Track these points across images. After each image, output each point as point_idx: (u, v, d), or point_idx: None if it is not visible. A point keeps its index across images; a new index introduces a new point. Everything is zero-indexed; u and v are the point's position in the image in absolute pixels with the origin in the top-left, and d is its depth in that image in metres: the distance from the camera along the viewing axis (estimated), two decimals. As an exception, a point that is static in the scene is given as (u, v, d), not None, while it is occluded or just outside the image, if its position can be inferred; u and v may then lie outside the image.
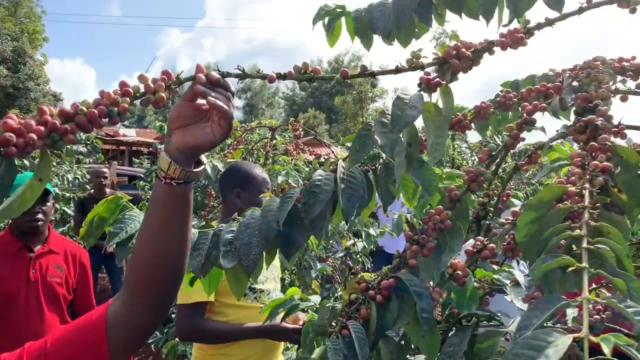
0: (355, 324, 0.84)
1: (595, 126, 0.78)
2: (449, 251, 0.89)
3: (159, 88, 0.82)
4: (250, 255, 1.01)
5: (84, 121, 0.72)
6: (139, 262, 0.91)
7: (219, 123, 0.87)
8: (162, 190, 0.88)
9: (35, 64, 23.82)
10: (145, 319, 0.92)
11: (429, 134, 0.99)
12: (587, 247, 0.61)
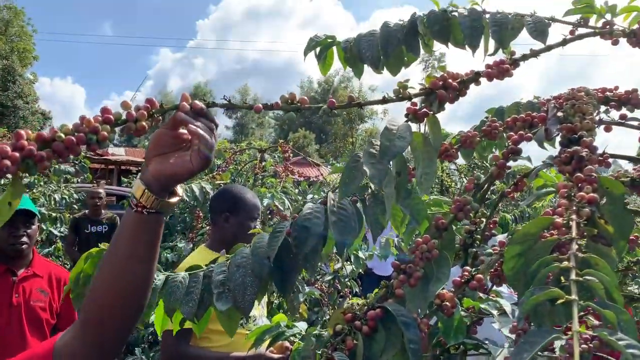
0: (341, 356, 0.83)
1: (581, 157, 0.78)
2: (436, 281, 0.89)
3: (141, 116, 0.81)
4: (246, 296, 0.99)
5: (61, 147, 0.69)
6: (100, 293, 0.85)
7: (198, 152, 0.84)
8: (133, 219, 0.84)
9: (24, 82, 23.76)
10: (97, 354, 0.86)
11: (417, 165, 0.99)
12: (576, 279, 0.61)
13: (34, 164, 0.68)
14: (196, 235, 3.70)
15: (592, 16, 1.18)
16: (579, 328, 0.57)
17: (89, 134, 0.73)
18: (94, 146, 0.74)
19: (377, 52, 1.30)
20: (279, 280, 1.01)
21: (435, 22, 1.23)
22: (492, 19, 1.21)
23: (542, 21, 1.18)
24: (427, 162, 0.98)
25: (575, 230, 0.68)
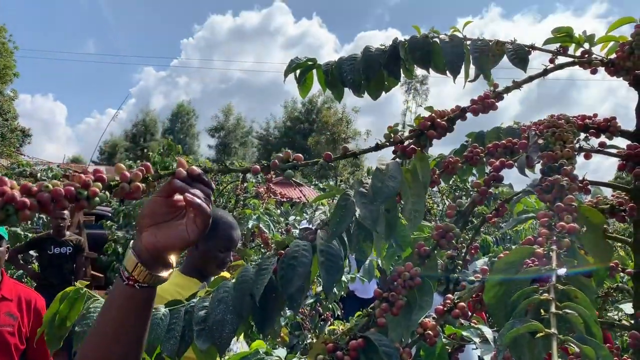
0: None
1: (561, 186, 0.78)
2: (419, 309, 0.88)
3: (135, 177, 0.78)
4: (224, 333, 0.97)
5: (46, 199, 0.65)
6: (96, 351, 0.83)
7: (194, 221, 0.81)
8: (124, 292, 0.82)
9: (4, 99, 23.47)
10: None
11: (405, 200, 0.99)
12: (556, 312, 0.60)
13: (15, 211, 0.64)
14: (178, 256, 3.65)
15: (571, 45, 1.21)
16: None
17: (79, 189, 0.69)
18: (82, 202, 0.70)
19: (359, 76, 1.30)
20: (259, 319, 0.99)
21: (416, 47, 1.24)
22: (473, 46, 1.22)
23: (523, 49, 1.20)
24: (417, 199, 0.99)
25: (555, 260, 0.68)
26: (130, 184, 0.76)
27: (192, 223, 0.81)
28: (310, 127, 41.99)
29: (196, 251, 2.10)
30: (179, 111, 45.28)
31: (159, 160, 5.00)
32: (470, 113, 1.09)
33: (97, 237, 6.97)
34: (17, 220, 0.64)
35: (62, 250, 4.98)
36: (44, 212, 0.67)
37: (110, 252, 5.32)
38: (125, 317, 0.82)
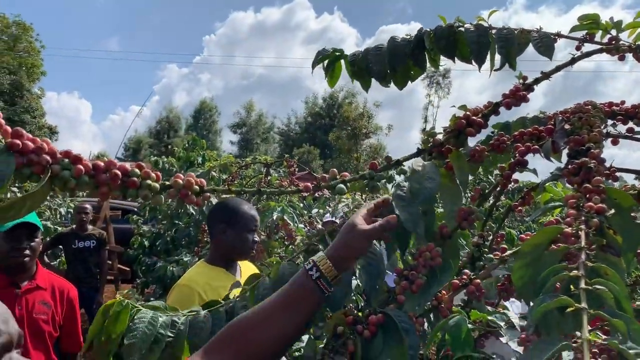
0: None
1: (589, 169, 0.79)
2: (437, 284, 0.89)
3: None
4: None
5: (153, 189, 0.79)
6: (257, 341, 0.89)
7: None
8: (317, 301, 0.91)
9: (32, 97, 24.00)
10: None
11: (444, 202, 1.01)
12: (586, 288, 0.61)
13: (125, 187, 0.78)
14: (201, 249, 3.70)
15: (597, 32, 1.20)
16: (589, 336, 0.57)
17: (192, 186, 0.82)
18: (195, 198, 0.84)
19: (385, 66, 1.32)
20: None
21: (441, 37, 1.25)
22: (498, 35, 1.22)
23: (548, 37, 1.20)
24: (454, 200, 1.01)
25: (584, 239, 0.68)
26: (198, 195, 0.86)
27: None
28: (331, 122, 41.94)
29: (224, 237, 2.14)
30: (202, 108, 45.65)
31: (183, 155, 5.08)
32: (503, 107, 1.10)
33: (124, 231, 7.10)
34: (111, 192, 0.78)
35: (86, 244, 5.09)
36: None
37: (137, 246, 5.41)
38: (309, 316, 0.92)
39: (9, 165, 0.68)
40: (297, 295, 0.90)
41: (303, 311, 0.90)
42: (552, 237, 0.74)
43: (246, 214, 2.18)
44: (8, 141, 0.69)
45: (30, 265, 2.45)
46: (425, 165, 0.98)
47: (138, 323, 1.13)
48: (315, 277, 0.90)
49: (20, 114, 22.54)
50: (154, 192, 0.82)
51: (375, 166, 0.97)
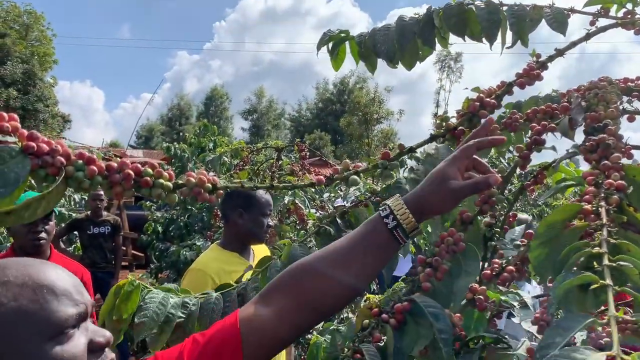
0: (370, 347, 0.82)
1: (607, 145, 0.77)
2: (465, 275, 0.88)
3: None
4: None
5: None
6: (333, 285, 0.83)
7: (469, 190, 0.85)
8: (390, 247, 0.84)
9: (44, 85, 24.14)
10: (292, 332, 0.85)
11: None
12: (609, 265, 0.60)
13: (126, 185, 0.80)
14: (214, 233, 3.72)
15: (612, 6, 1.17)
16: (617, 313, 0.56)
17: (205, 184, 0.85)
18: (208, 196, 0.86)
19: (393, 46, 1.30)
20: None
21: (451, 14, 1.23)
22: (509, 11, 1.20)
23: (561, 12, 1.17)
24: None
25: (605, 216, 0.67)
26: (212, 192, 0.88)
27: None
28: (342, 108, 41.76)
29: (240, 221, 2.15)
30: (213, 95, 45.66)
31: (195, 141, 5.09)
32: (517, 87, 1.08)
33: (137, 217, 7.16)
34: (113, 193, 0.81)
35: (101, 230, 5.14)
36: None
37: (150, 232, 5.46)
38: (381, 266, 0.85)
39: (24, 167, 0.70)
40: (370, 243, 0.83)
41: (375, 260, 0.83)
42: (570, 215, 0.73)
43: (261, 199, 2.19)
44: (24, 144, 0.72)
45: (45, 248, 2.49)
46: (438, 148, 0.97)
47: (149, 303, 1.14)
48: (391, 226, 0.81)
49: (33, 102, 22.70)
50: (167, 190, 0.84)
51: (388, 155, 0.95)
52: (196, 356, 0.83)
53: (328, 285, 0.83)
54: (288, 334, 0.84)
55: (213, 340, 0.84)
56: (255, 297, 0.87)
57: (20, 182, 0.69)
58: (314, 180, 1.02)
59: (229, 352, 0.82)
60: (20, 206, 0.71)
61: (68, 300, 0.75)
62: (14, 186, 0.68)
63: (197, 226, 4.81)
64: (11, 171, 0.68)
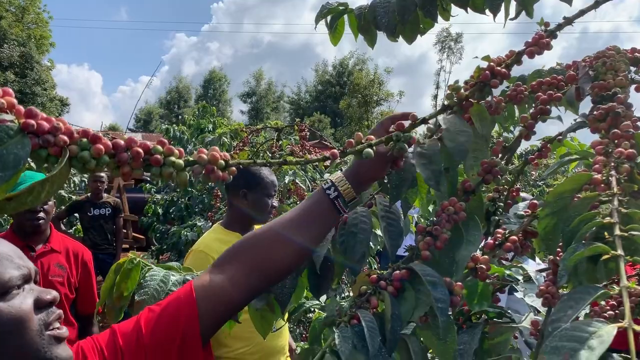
0: (366, 313, 0.82)
1: (617, 113, 0.75)
2: (467, 244, 0.87)
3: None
4: (284, 289, 1.02)
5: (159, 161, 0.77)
6: (280, 249, 0.91)
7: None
8: (334, 219, 0.93)
9: (42, 69, 23.97)
10: (250, 292, 0.92)
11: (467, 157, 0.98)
12: (621, 235, 0.58)
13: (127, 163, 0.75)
14: (215, 214, 3.71)
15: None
16: (629, 284, 0.55)
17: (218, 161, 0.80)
18: (221, 174, 0.81)
19: (394, 19, 1.27)
20: (315, 285, 1.04)
21: (454, -15, 1.20)
22: (514, -20, 1.17)
23: (568, -20, 1.14)
24: (478, 153, 0.98)
25: (615, 186, 0.65)
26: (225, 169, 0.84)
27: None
28: (342, 90, 41.56)
29: (244, 201, 2.14)
30: (211, 77, 45.40)
31: (194, 122, 5.06)
32: (526, 56, 1.06)
33: (137, 200, 7.16)
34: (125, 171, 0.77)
35: (101, 212, 5.15)
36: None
37: (151, 214, 5.46)
38: (326, 234, 0.94)
39: (24, 147, 0.63)
40: (313, 213, 0.92)
41: (318, 228, 0.91)
42: (579, 185, 0.71)
43: (267, 179, 2.17)
44: (22, 122, 0.65)
45: (44, 227, 2.49)
46: (450, 120, 0.95)
47: (149, 281, 1.13)
48: (332, 196, 0.90)
49: (31, 86, 22.56)
50: (178, 169, 0.79)
51: (403, 126, 0.93)
52: (153, 324, 0.87)
53: (275, 250, 0.90)
54: (240, 298, 0.90)
55: (169, 308, 0.89)
56: (208, 267, 0.94)
57: (20, 165, 0.62)
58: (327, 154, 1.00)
59: (184, 317, 0.87)
60: (22, 192, 0.65)
61: (10, 263, 0.83)
62: (14, 169, 0.62)
63: (197, 208, 4.80)
64: (10, 153, 0.61)
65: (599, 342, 0.46)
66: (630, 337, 0.47)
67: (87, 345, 0.90)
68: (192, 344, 0.87)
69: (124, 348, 0.87)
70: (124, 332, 0.89)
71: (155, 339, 0.87)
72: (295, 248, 0.90)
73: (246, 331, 1.79)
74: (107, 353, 0.88)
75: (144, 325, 0.88)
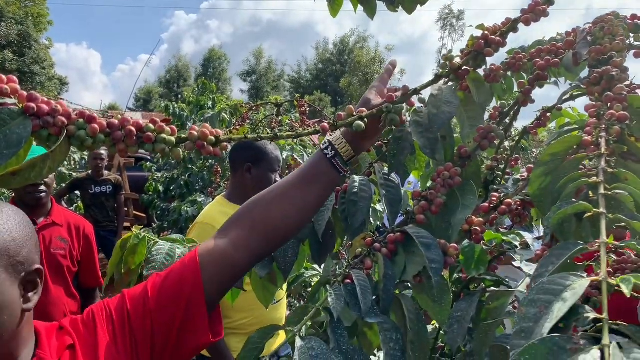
0: (359, 273, 0.83)
1: (611, 77, 0.75)
2: (462, 208, 0.88)
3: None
4: (287, 257, 1.04)
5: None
6: (279, 210, 0.92)
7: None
8: (332, 178, 0.93)
9: (40, 47, 23.79)
10: (252, 255, 0.92)
11: (462, 124, 0.98)
12: (605, 193, 0.59)
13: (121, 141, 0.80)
14: (215, 190, 3.73)
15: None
16: (607, 240, 0.56)
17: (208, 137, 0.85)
18: (212, 149, 0.86)
19: (393, -14, 1.26)
20: (317, 252, 1.06)
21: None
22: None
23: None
24: (473, 122, 0.98)
25: (604, 146, 0.66)
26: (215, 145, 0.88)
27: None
28: (342, 68, 41.27)
29: (248, 175, 2.15)
30: (211, 56, 45.04)
31: (194, 99, 5.04)
32: (522, 23, 1.05)
33: (138, 179, 7.17)
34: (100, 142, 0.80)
35: (102, 189, 5.16)
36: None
37: (152, 191, 5.47)
38: (327, 195, 0.95)
39: (26, 127, 0.71)
40: (312, 173, 0.92)
41: (318, 188, 0.91)
42: (571, 147, 0.72)
43: (271, 154, 2.18)
44: (24, 105, 0.72)
45: (45, 201, 2.50)
46: (442, 89, 0.95)
47: (156, 255, 1.15)
48: (330, 155, 0.91)
49: (29, 64, 22.41)
50: (170, 145, 0.84)
51: (392, 98, 0.93)
52: (158, 288, 0.89)
53: (275, 212, 0.91)
54: (243, 261, 0.91)
55: (174, 273, 0.91)
56: (214, 234, 0.95)
57: (22, 144, 0.70)
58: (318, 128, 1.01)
59: (188, 282, 0.88)
60: (25, 166, 0.72)
61: None
62: (17, 148, 0.69)
63: (197, 185, 4.81)
64: (13, 133, 0.70)
65: (572, 294, 0.47)
66: (604, 290, 0.48)
67: (98, 308, 0.92)
68: (196, 309, 0.88)
69: (131, 312, 0.89)
70: (132, 296, 0.91)
71: (160, 303, 0.88)
72: (294, 209, 0.91)
73: (247, 303, 1.81)
74: (115, 316, 0.90)
75: (150, 289, 0.90)
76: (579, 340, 0.44)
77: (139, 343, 0.88)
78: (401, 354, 0.76)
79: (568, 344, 0.43)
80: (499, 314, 1.00)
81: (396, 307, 0.85)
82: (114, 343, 0.88)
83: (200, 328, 0.89)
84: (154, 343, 0.88)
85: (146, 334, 0.88)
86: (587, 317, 0.47)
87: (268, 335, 0.85)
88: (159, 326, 0.88)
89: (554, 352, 0.43)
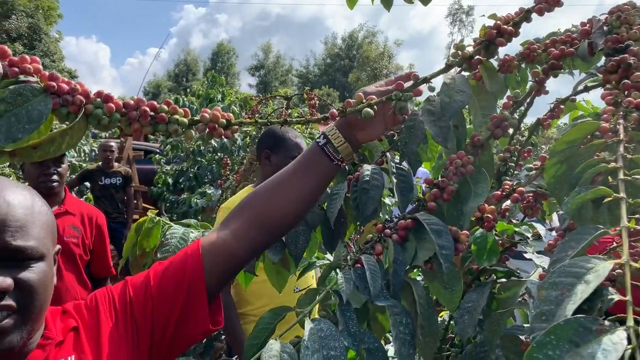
0: (369, 258, 0.84)
1: (629, 64, 0.75)
2: (474, 196, 0.88)
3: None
4: (298, 244, 1.05)
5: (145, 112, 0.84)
6: (275, 200, 0.94)
7: (392, 118, 0.96)
8: (329, 169, 0.94)
9: (50, 40, 23.93)
10: (252, 246, 0.94)
11: (474, 113, 0.98)
12: (624, 179, 0.59)
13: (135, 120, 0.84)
14: (224, 182, 3.74)
15: None
16: (629, 224, 0.56)
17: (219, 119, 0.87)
18: (223, 131, 0.89)
19: (410, -23, 1.26)
20: (328, 239, 1.07)
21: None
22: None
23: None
24: (486, 111, 0.99)
25: (622, 133, 0.66)
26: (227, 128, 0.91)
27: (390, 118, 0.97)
28: (351, 63, 41.17)
29: (268, 162, 2.17)
30: (220, 50, 45.07)
31: (203, 92, 5.06)
32: (535, 13, 1.04)
33: (147, 172, 7.20)
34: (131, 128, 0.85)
35: (112, 181, 5.18)
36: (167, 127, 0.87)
37: (161, 184, 5.50)
38: (322, 186, 0.96)
39: (46, 104, 0.75)
40: (306, 163, 0.94)
41: (312, 178, 0.93)
42: (588, 134, 0.72)
43: (290, 141, 2.19)
44: (45, 84, 0.77)
45: (58, 190, 2.52)
46: (455, 77, 0.95)
47: (170, 238, 1.17)
48: (321, 143, 0.93)
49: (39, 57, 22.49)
50: (183, 126, 0.86)
51: (402, 86, 0.93)
52: (160, 276, 0.91)
53: (272, 202, 0.93)
54: (243, 251, 0.93)
55: (176, 262, 0.93)
56: (217, 226, 0.97)
57: (43, 119, 0.74)
58: (327, 115, 1.01)
59: (190, 271, 0.90)
60: (45, 140, 0.75)
61: None
62: (38, 123, 0.73)
63: (207, 178, 4.84)
64: (34, 109, 0.74)
65: (595, 276, 0.47)
66: (627, 272, 0.48)
67: (101, 294, 0.94)
68: (197, 298, 0.90)
69: (133, 298, 0.91)
70: (134, 283, 0.93)
71: (162, 291, 0.90)
72: (290, 199, 0.92)
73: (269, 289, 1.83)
74: (117, 302, 0.92)
75: (152, 277, 0.92)
76: (603, 321, 0.44)
77: (140, 329, 0.90)
78: (410, 337, 0.76)
79: (594, 325, 0.43)
80: (510, 304, 1.00)
81: (407, 293, 0.85)
82: (116, 328, 0.90)
83: (200, 317, 0.91)
84: (154, 329, 0.90)
85: (147, 321, 0.90)
86: (611, 299, 0.47)
87: (279, 316, 0.86)
88: (160, 313, 0.90)
89: (579, 333, 0.43)
